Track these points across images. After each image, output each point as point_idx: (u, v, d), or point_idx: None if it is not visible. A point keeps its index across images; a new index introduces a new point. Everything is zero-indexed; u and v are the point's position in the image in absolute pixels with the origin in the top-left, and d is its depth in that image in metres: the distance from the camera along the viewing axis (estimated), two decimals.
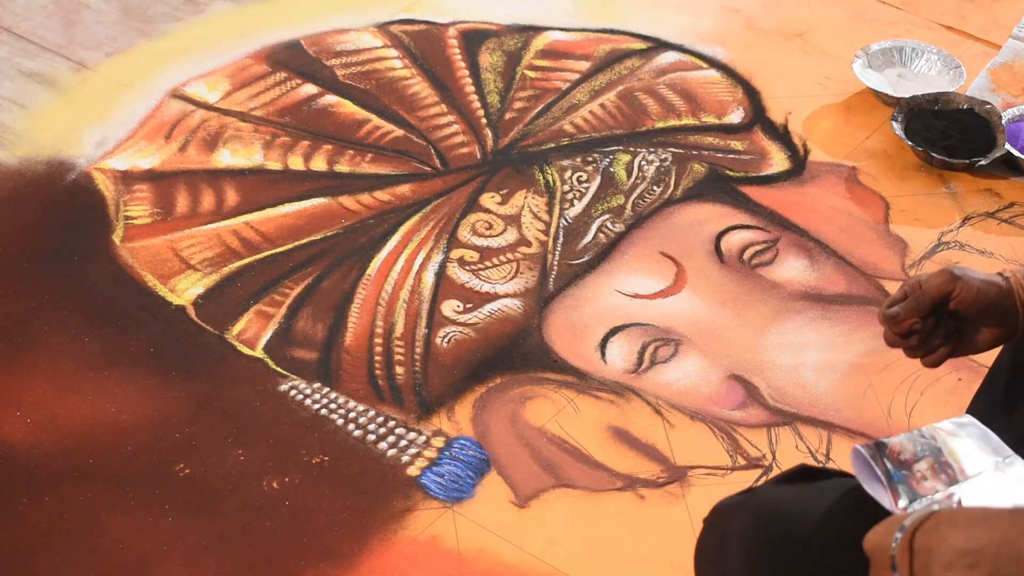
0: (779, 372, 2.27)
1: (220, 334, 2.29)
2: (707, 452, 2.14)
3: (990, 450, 1.42)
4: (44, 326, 2.28)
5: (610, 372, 2.26)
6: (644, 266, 2.44)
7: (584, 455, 2.13)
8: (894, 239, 2.53)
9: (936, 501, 1.39)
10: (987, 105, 2.72)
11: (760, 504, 1.53)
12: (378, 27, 2.96)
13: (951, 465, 1.42)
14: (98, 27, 2.92)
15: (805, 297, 2.40)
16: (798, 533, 1.47)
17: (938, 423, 1.43)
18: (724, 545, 1.52)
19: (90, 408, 2.15)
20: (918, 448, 1.42)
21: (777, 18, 3.06)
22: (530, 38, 2.95)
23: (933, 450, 1.42)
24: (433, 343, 2.29)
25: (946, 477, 1.42)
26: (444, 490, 2.07)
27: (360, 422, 2.16)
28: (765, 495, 1.54)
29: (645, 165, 2.65)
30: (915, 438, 1.42)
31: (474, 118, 2.74)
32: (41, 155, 2.60)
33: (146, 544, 1.98)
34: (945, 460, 1.42)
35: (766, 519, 1.50)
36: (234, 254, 2.43)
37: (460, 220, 2.51)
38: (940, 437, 1.42)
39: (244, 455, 2.10)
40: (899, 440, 1.43)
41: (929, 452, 1.42)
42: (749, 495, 1.55)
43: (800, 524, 1.48)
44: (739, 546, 1.49)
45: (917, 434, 1.42)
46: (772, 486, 1.56)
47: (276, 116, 2.72)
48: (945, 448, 1.42)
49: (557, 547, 2.01)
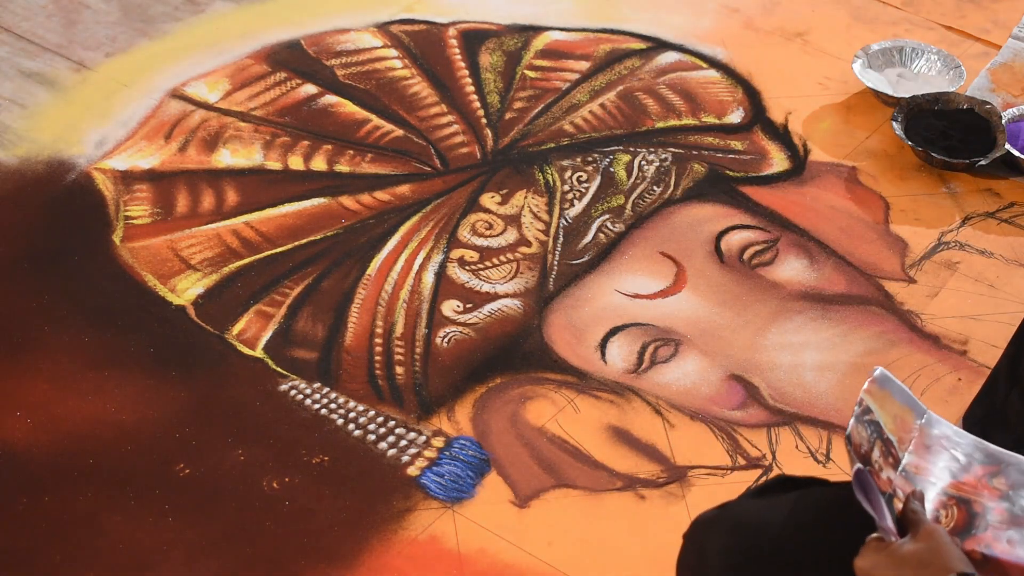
0: (779, 372, 2.27)
1: (220, 334, 2.29)
2: (707, 452, 2.14)
3: (909, 409, 1.43)
4: (44, 326, 2.28)
5: (610, 372, 2.26)
6: (644, 266, 2.44)
7: (584, 455, 2.13)
8: (894, 239, 2.53)
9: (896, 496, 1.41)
10: (987, 105, 2.72)
11: (737, 518, 1.54)
12: (378, 27, 2.96)
13: (891, 441, 1.43)
14: (98, 27, 2.92)
15: (805, 297, 2.40)
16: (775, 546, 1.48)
17: (863, 388, 1.43)
18: (702, 560, 1.53)
19: (90, 408, 2.15)
20: (869, 432, 1.43)
21: (777, 18, 3.06)
22: (530, 38, 2.95)
23: (875, 427, 1.43)
24: (433, 343, 2.29)
25: (892, 459, 1.43)
26: (444, 490, 2.07)
27: (360, 422, 2.16)
28: (741, 509, 1.55)
29: (645, 165, 2.65)
30: (859, 418, 1.43)
31: (474, 118, 2.74)
32: (41, 155, 2.60)
33: (146, 544, 1.98)
34: (887, 437, 1.43)
35: (743, 533, 1.51)
36: (234, 254, 2.43)
37: (460, 220, 2.51)
38: (872, 405, 1.43)
39: (244, 455, 2.10)
40: (854, 428, 1.43)
41: (875, 433, 1.43)
42: (726, 509, 1.56)
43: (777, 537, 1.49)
44: (717, 561, 1.50)
45: (858, 412, 1.43)
46: (749, 499, 1.57)
47: (276, 116, 2.72)
48: (881, 419, 1.43)
49: (557, 547, 2.01)
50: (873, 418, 1.43)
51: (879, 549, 1.38)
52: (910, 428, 1.42)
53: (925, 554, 1.36)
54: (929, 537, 1.38)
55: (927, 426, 1.42)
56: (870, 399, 1.43)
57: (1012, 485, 1.38)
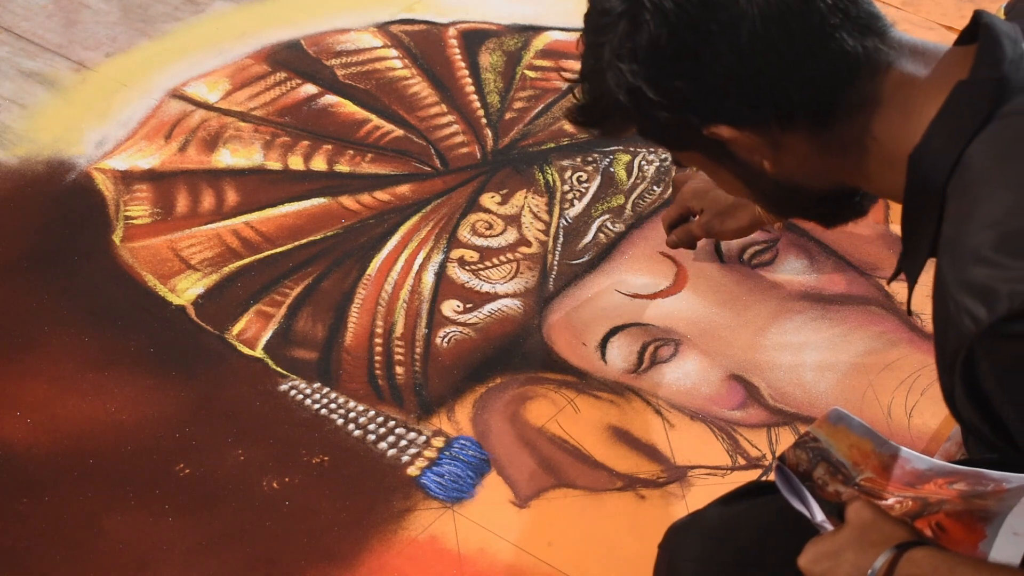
0: (779, 372, 2.27)
1: (220, 334, 2.29)
2: (707, 452, 2.14)
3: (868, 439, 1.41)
4: (44, 326, 2.28)
5: (610, 372, 2.26)
6: (644, 266, 2.44)
7: (584, 455, 2.13)
8: (894, 239, 2.53)
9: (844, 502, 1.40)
10: None
11: (709, 525, 1.53)
12: (378, 27, 2.96)
13: (843, 463, 1.41)
14: (98, 27, 2.92)
15: (805, 297, 2.40)
16: (746, 552, 1.48)
17: (813, 425, 1.42)
18: (673, 569, 1.52)
19: (90, 408, 2.15)
20: (811, 455, 1.42)
21: None
22: (530, 38, 2.95)
23: (822, 453, 1.41)
24: (433, 343, 2.29)
25: (842, 476, 1.41)
26: (444, 490, 2.07)
27: (360, 422, 2.16)
28: (714, 516, 1.55)
29: (645, 165, 2.65)
30: (804, 444, 1.41)
31: (474, 118, 2.74)
32: (41, 155, 2.60)
33: (146, 544, 1.98)
34: (836, 459, 1.41)
35: (715, 540, 1.50)
36: (234, 254, 2.43)
37: (460, 220, 2.51)
38: (822, 438, 1.41)
39: (244, 455, 2.10)
40: (792, 452, 1.42)
41: (820, 456, 1.42)
42: (698, 516, 1.56)
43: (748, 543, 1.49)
44: (687, 568, 1.50)
45: (805, 439, 1.41)
46: (720, 506, 1.57)
47: (276, 116, 2.72)
48: (831, 448, 1.41)
49: (557, 547, 2.01)
50: (820, 446, 1.41)
51: (817, 542, 1.37)
52: (867, 454, 1.41)
53: (859, 532, 1.34)
54: (858, 514, 1.35)
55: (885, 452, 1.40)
56: (820, 432, 1.41)
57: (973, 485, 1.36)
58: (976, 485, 1.33)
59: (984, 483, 1.32)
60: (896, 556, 1.29)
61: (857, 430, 1.38)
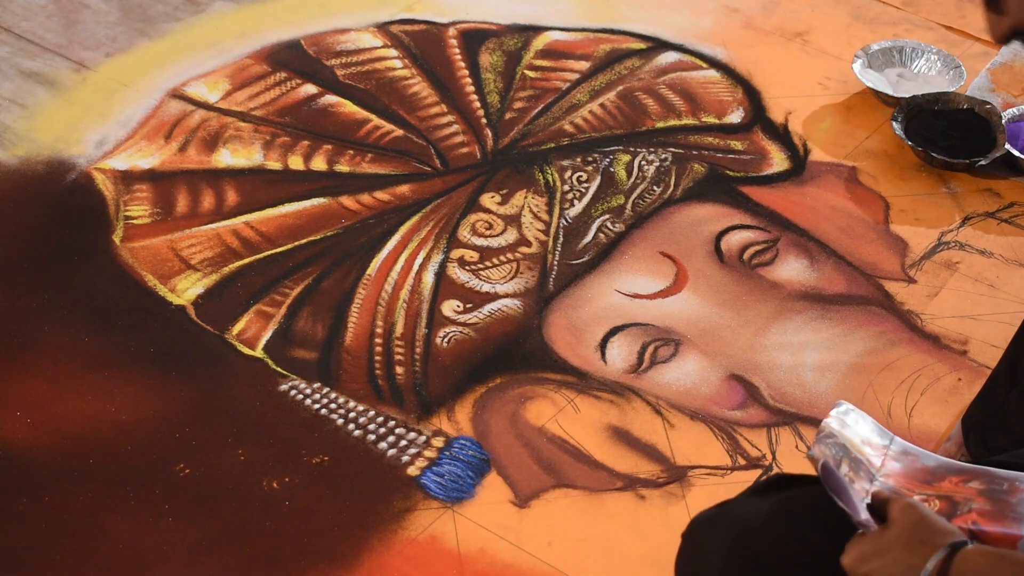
0: (779, 372, 2.27)
1: (220, 334, 2.29)
2: (707, 452, 2.14)
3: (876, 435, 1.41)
4: (44, 326, 2.28)
5: (610, 372, 2.26)
6: (644, 266, 2.44)
7: (584, 455, 2.13)
8: (894, 239, 2.53)
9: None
10: (987, 105, 2.72)
11: (735, 518, 1.52)
12: (378, 27, 2.96)
13: (860, 460, 1.41)
14: (98, 27, 2.92)
15: (805, 297, 2.40)
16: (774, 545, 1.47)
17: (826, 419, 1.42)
18: (701, 560, 1.51)
19: (90, 408, 2.15)
20: (834, 451, 1.41)
21: (777, 18, 3.06)
22: (530, 38, 2.95)
23: (841, 448, 1.41)
24: (433, 343, 2.29)
25: (864, 472, 1.41)
26: (444, 490, 2.07)
27: (360, 422, 2.16)
28: (740, 508, 1.53)
29: (645, 165, 2.65)
30: (821, 440, 1.41)
31: (474, 118, 2.74)
32: (41, 155, 2.60)
33: (146, 544, 1.98)
34: (855, 456, 1.41)
35: (742, 533, 1.49)
36: (234, 254, 2.43)
37: (460, 220, 2.51)
38: (837, 432, 1.41)
39: (244, 455, 2.10)
40: (818, 448, 1.41)
41: (841, 453, 1.41)
42: (724, 508, 1.54)
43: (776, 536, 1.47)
44: (716, 560, 1.49)
45: (820, 435, 1.41)
46: (747, 498, 1.55)
47: (276, 116, 2.72)
48: (847, 443, 1.41)
49: (557, 547, 2.01)
50: (837, 441, 1.41)
51: (861, 541, 1.35)
52: (878, 449, 1.40)
53: (909, 532, 1.31)
54: (906, 514, 1.33)
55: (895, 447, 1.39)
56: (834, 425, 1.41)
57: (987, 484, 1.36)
58: (991, 484, 1.33)
59: (999, 483, 1.32)
60: (949, 555, 1.28)
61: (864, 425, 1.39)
